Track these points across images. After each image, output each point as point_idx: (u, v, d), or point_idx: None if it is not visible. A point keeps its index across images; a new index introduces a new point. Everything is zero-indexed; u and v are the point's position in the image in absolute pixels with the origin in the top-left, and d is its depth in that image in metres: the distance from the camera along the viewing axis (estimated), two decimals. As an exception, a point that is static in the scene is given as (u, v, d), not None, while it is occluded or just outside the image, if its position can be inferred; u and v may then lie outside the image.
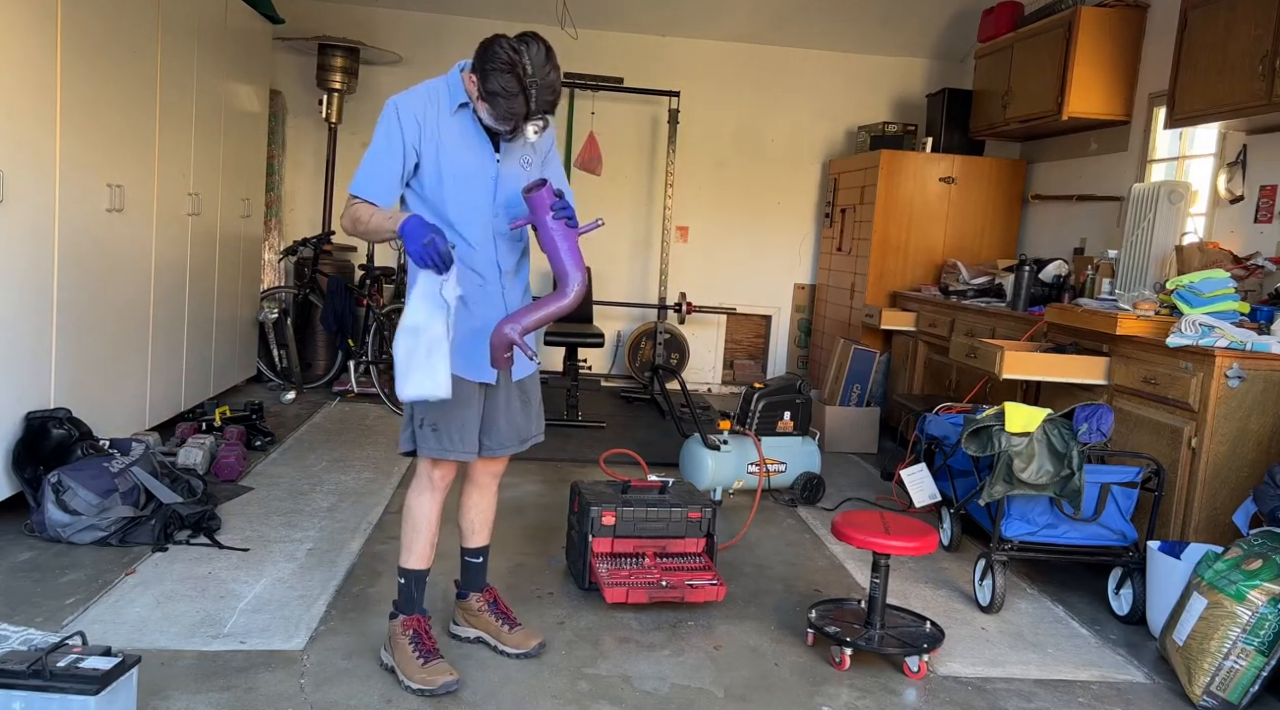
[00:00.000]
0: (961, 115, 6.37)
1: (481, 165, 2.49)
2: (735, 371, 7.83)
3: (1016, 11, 5.89)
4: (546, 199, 2.36)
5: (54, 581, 3.09)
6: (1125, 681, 2.94)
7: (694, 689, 2.69)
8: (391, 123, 2.43)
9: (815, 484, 4.57)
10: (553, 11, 6.80)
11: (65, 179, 3.71)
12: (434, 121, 2.45)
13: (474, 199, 2.50)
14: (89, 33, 3.81)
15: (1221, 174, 4.44)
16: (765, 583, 3.54)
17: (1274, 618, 2.69)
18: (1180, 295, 3.61)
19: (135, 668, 2.19)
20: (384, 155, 2.44)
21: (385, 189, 2.46)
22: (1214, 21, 4.03)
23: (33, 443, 3.53)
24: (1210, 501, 3.36)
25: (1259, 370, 3.31)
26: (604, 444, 5.22)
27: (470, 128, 2.48)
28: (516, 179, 2.52)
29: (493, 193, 2.51)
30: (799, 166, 7.60)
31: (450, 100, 2.47)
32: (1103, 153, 5.48)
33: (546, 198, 2.36)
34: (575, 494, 3.44)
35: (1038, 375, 3.95)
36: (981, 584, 3.44)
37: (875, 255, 6.26)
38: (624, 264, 7.52)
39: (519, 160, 2.54)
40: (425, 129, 2.44)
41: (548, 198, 2.36)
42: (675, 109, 7.00)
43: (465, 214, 2.51)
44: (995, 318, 4.97)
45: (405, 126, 2.43)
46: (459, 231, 2.52)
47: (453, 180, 2.47)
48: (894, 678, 2.85)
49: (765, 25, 7.15)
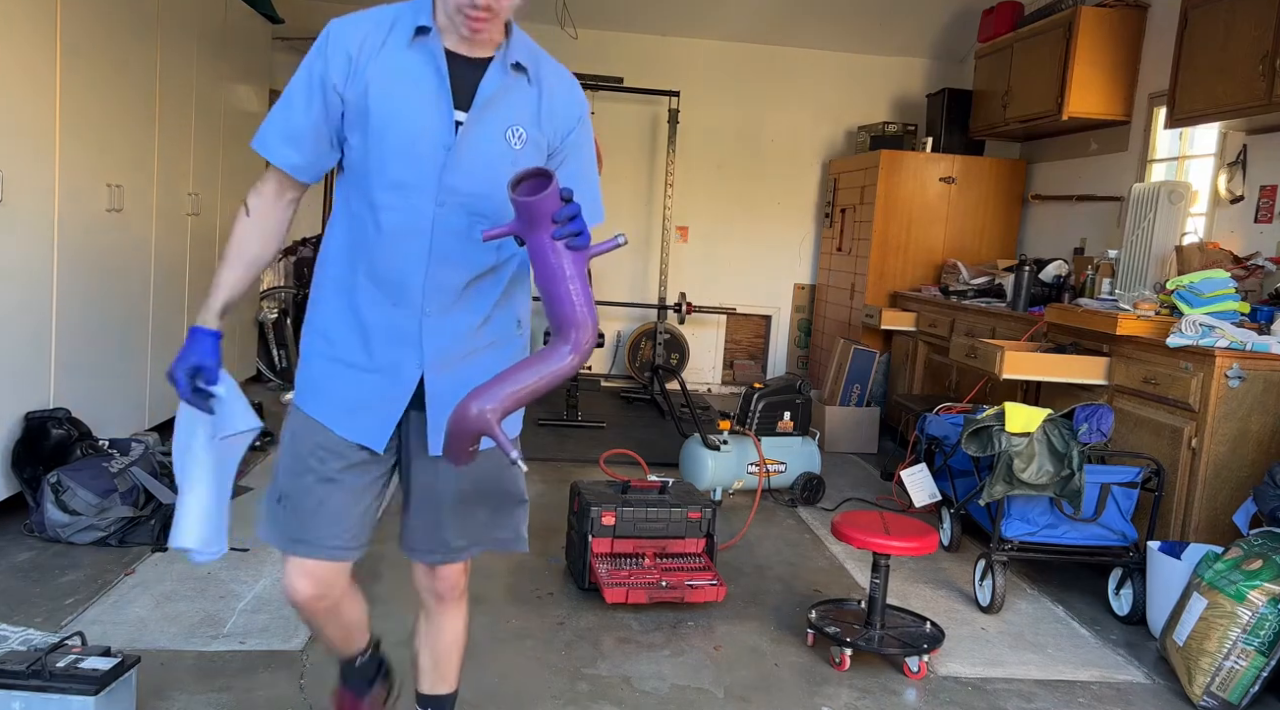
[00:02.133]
0: (961, 115, 6.37)
1: (430, 124, 1.63)
2: (735, 371, 7.83)
3: (1016, 11, 5.89)
4: (548, 205, 1.48)
5: (53, 582, 3.09)
6: (1125, 682, 2.94)
7: (694, 689, 2.69)
8: (313, 56, 1.68)
9: (815, 484, 4.56)
10: (553, 11, 6.80)
11: (65, 179, 3.70)
12: (372, 55, 1.64)
13: (411, 175, 1.65)
14: (89, 33, 3.81)
15: (1222, 174, 4.44)
16: (765, 583, 3.54)
17: (1274, 618, 2.69)
18: (1180, 295, 3.61)
19: (135, 668, 2.19)
20: (295, 98, 1.68)
21: (287, 144, 1.69)
22: (1214, 21, 4.03)
23: (32, 443, 3.53)
24: (1210, 502, 3.36)
25: (1259, 370, 3.31)
26: (604, 444, 5.21)
27: (425, 67, 1.64)
28: (494, 156, 1.67)
29: (439, 166, 1.64)
30: (799, 166, 7.60)
31: (408, 22, 1.66)
32: (1103, 153, 5.48)
33: (549, 203, 1.48)
34: (575, 494, 3.44)
35: (1038, 375, 3.95)
36: (981, 584, 3.44)
37: (875, 255, 6.26)
38: (624, 264, 7.51)
39: (504, 128, 1.68)
40: (357, 66, 1.64)
41: (550, 203, 1.48)
42: (675, 109, 7.00)
43: (393, 197, 1.66)
44: (995, 318, 4.97)
45: (331, 60, 1.65)
46: (379, 223, 1.67)
47: (382, 143, 1.64)
48: (894, 678, 2.85)
49: (765, 25, 7.15)
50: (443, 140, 1.64)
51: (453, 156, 1.64)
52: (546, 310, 1.56)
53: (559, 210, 1.49)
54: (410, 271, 1.67)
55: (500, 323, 1.80)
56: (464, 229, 1.67)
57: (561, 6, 6.77)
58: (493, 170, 1.65)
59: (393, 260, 1.67)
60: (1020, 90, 5.61)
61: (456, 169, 1.65)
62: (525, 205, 1.48)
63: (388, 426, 1.75)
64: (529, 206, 1.48)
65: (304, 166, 1.72)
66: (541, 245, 1.52)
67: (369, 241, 1.68)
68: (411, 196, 1.65)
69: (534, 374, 1.55)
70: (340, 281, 1.73)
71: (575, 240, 1.52)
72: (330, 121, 1.68)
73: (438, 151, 1.64)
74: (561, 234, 1.51)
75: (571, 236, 1.52)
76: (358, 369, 1.73)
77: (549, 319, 1.57)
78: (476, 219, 1.67)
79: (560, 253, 1.52)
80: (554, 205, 1.48)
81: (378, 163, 1.65)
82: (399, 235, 1.66)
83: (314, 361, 1.78)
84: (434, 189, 1.65)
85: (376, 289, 1.70)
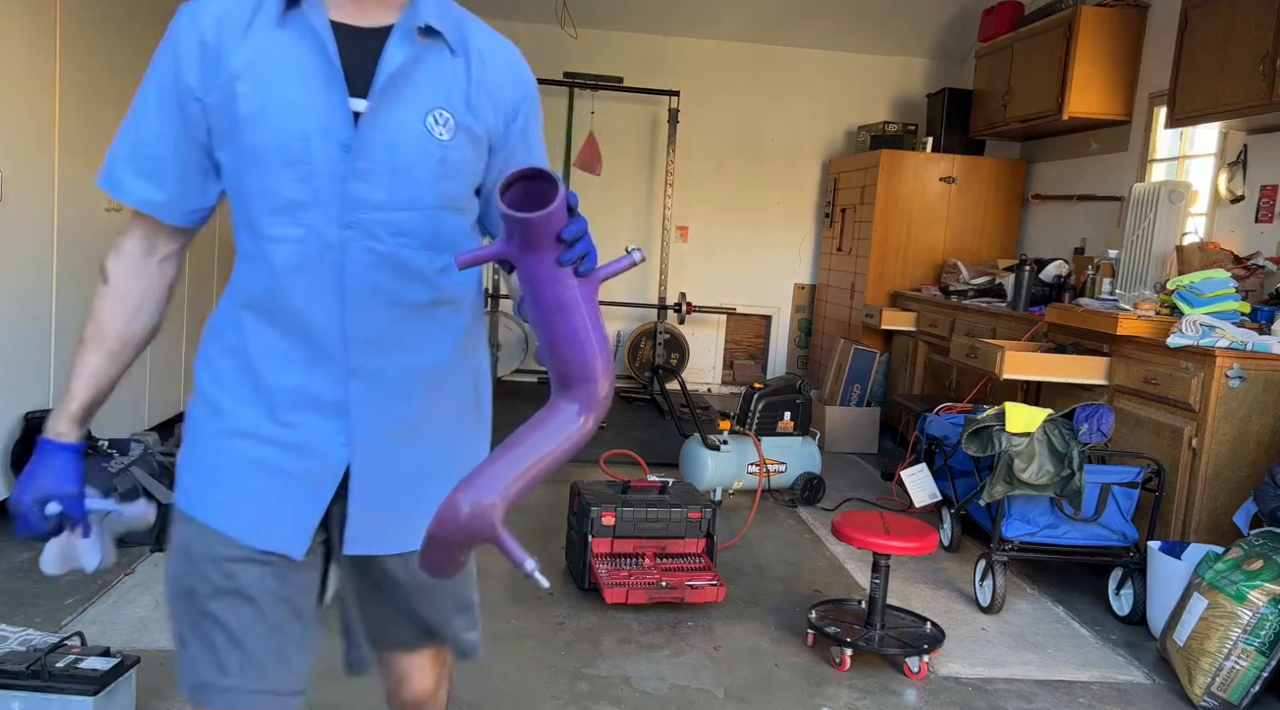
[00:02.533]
0: (962, 115, 6.37)
1: (320, 119, 1.23)
2: (735, 371, 7.83)
3: (1017, 11, 5.89)
4: (554, 221, 1.08)
5: (52, 582, 3.08)
6: (1126, 682, 2.94)
7: (694, 689, 2.69)
8: (161, 53, 1.29)
9: (815, 484, 4.56)
10: (552, 10, 6.80)
11: (64, 179, 3.70)
12: (235, 42, 1.24)
13: (303, 191, 1.24)
14: (88, 34, 3.81)
15: (1222, 174, 4.44)
16: (765, 583, 3.54)
17: (1274, 618, 2.69)
18: (1181, 295, 3.61)
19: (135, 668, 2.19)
20: (146, 113, 1.29)
21: (141, 177, 1.30)
22: (1214, 21, 4.03)
23: (32, 442, 3.52)
24: (1211, 502, 3.35)
25: (1260, 370, 3.31)
26: (604, 444, 5.21)
27: (305, 46, 1.23)
28: (413, 152, 1.26)
29: (338, 175, 1.24)
30: (799, 166, 7.59)
31: None
32: (1103, 152, 5.48)
33: (555, 218, 1.08)
34: (575, 494, 3.44)
35: (1038, 375, 3.95)
36: (982, 584, 3.44)
37: (875, 255, 6.25)
38: (624, 264, 7.51)
39: (423, 113, 1.27)
40: (217, 58, 1.24)
41: (557, 218, 1.08)
42: (675, 109, 7.00)
43: (285, 223, 1.26)
44: (996, 318, 4.96)
45: (184, 56, 1.26)
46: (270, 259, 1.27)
47: (260, 155, 1.24)
48: (894, 678, 2.84)
49: (765, 25, 7.15)
50: (339, 139, 1.22)
51: (356, 159, 1.22)
52: (545, 356, 1.18)
53: (567, 226, 1.08)
54: (322, 318, 1.27)
55: (459, 375, 1.39)
56: (387, 255, 1.26)
57: (561, 6, 6.77)
58: (413, 173, 1.25)
59: (297, 304, 1.26)
60: (1020, 90, 5.61)
61: (363, 176, 1.23)
62: (525, 223, 1.05)
63: (307, 525, 1.31)
64: (530, 224, 1.05)
65: (169, 204, 1.30)
66: (541, 273, 1.10)
67: (264, 284, 1.27)
68: (308, 219, 1.24)
69: (539, 449, 1.15)
70: (236, 338, 1.31)
71: (584, 263, 1.12)
72: (194, 139, 1.27)
73: (334, 155, 1.22)
74: (570, 257, 1.10)
75: (581, 259, 1.11)
76: (262, 447, 1.29)
77: (549, 367, 1.18)
78: (404, 240, 1.27)
79: (567, 282, 1.11)
80: (560, 220, 1.07)
81: (258, 182, 1.24)
82: (299, 271, 1.25)
83: (202, 443, 1.33)
84: (336, 206, 1.23)
85: (283, 343, 1.28)
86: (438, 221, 1.29)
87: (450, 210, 1.31)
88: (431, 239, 1.30)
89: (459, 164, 1.29)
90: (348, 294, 1.27)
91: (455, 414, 1.41)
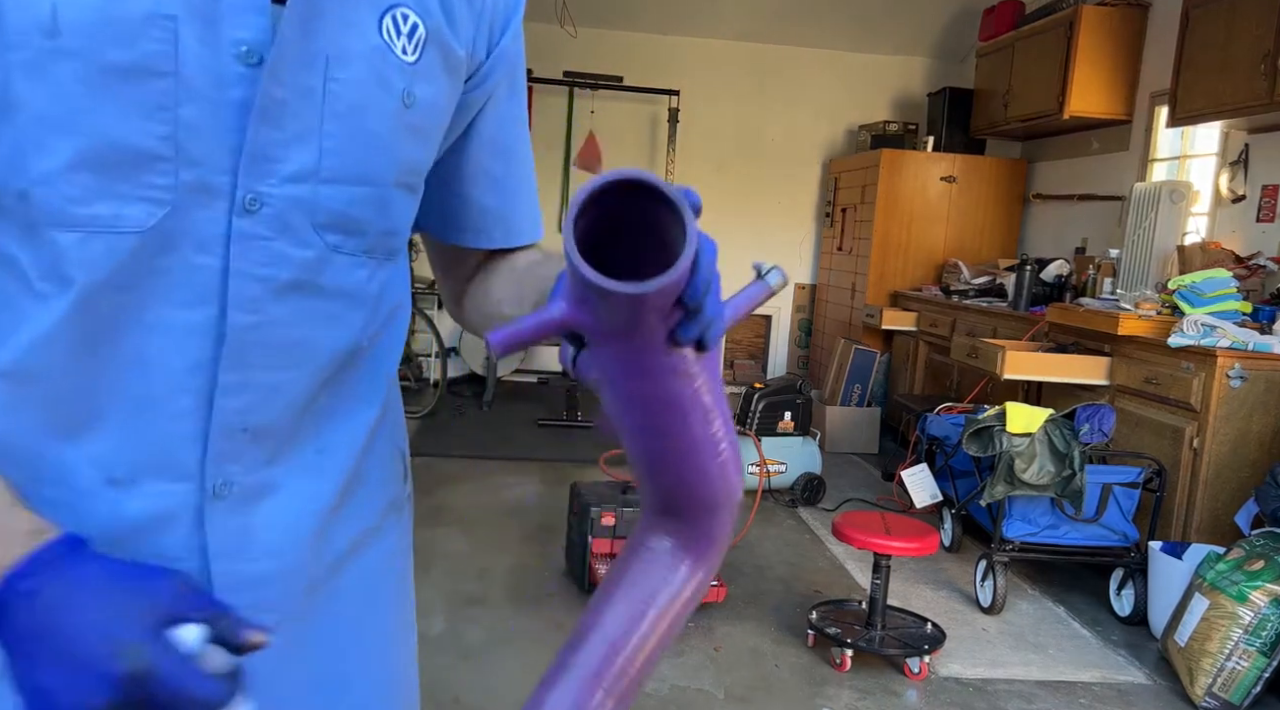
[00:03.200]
0: (962, 114, 6.36)
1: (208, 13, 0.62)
2: (735, 371, 7.82)
3: (1017, 10, 5.88)
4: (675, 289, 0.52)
5: None
6: (1127, 682, 2.93)
7: (694, 690, 2.68)
8: None
9: (815, 484, 4.56)
10: (552, 9, 6.79)
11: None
12: None
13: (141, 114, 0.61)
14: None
15: (1223, 173, 4.43)
16: (765, 583, 3.53)
17: (1275, 619, 2.69)
18: (1182, 295, 3.60)
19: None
20: None
21: None
22: (1215, 21, 4.02)
23: None
24: (1212, 502, 3.35)
25: (1261, 370, 3.30)
26: (604, 444, 5.21)
27: None
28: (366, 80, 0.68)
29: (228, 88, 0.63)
30: (799, 166, 7.59)
31: None
32: (1104, 152, 5.47)
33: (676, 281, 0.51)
34: (575, 495, 3.43)
35: (1039, 375, 3.94)
36: (982, 585, 3.43)
37: (876, 255, 6.25)
38: (624, 263, 7.51)
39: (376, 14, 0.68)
40: None
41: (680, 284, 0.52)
42: (675, 108, 7.00)
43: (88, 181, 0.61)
44: (996, 317, 4.96)
45: None
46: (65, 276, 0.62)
47: (47, 24, 0.58)
48: (895, 679, 2.84)
49: (765, 24, 7.15)
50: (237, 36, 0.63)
51: (270, 83, 0.64)
52: (639, 469, 0.68)
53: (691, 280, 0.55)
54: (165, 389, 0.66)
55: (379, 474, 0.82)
56: (312, 263, 0.69)
57: (561, 5, 6.76)
58: (364, 116, 0.69)
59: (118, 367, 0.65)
60: (1021, 89, 5.60)
61: (277, 117, 0.65)
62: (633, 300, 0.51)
63: None
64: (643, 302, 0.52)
65: None
66: (644, 360, 0.58)
67: (30, 336, 0.64)
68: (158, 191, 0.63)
69: (641, 633, 0.64)
70: None
71: (712, 330, 0.58)
72: None
73: (226, 68, 0.63)
74: (693, 333, 0.57)
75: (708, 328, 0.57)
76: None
77: (641, 482, 0.70)
78: (338, 241, 0.70)
79: (682, 368, 0.59)
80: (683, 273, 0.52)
81: (49, 107, 0.61)
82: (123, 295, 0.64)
83: None
84: (226, 170, 0.64)
85: (82, 448, 0.66)
86: (388, 209, 0.73)
87: (406, 189, 0.75)
88: (376, 242, 0.74)
89: (429, 105, 0.73)
90: (230, 344, 0.66)
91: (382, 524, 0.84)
